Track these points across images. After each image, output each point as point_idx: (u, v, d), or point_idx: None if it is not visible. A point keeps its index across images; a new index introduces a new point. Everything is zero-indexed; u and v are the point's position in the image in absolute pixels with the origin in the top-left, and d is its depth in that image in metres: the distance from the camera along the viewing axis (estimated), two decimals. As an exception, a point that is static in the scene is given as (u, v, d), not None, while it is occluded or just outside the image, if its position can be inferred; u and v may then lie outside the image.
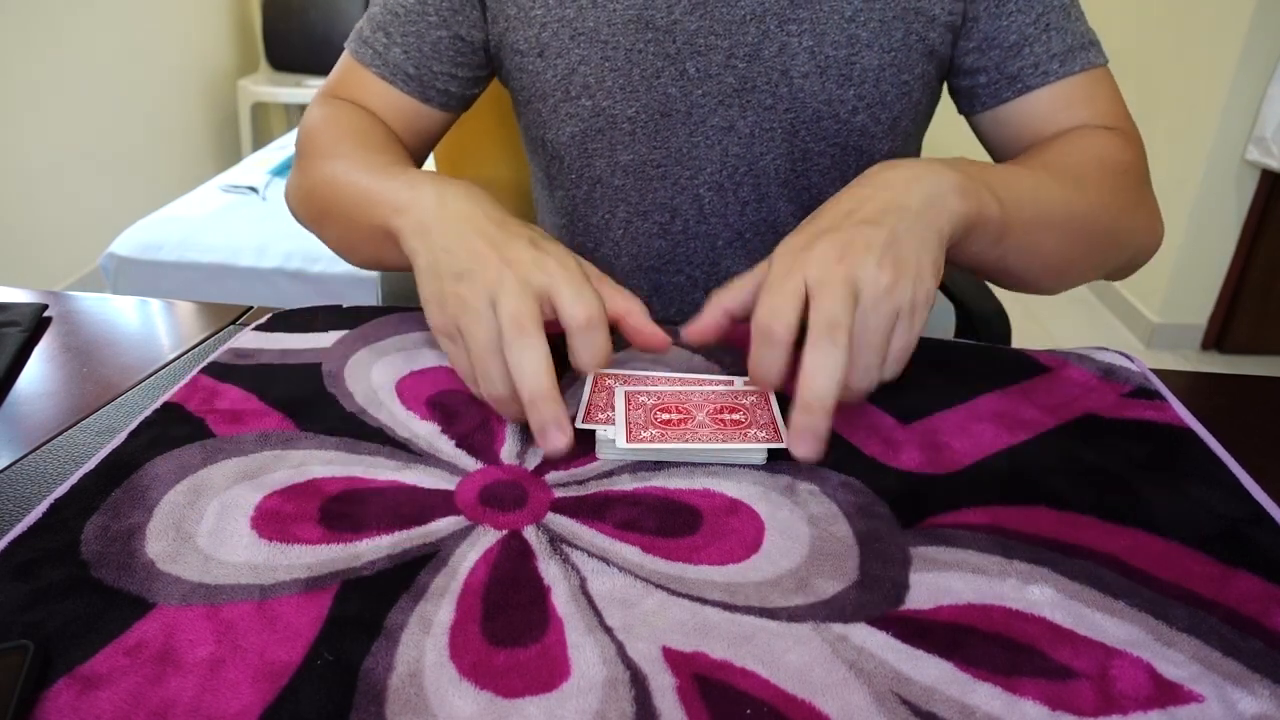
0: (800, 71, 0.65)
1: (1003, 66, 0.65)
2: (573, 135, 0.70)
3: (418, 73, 0.69)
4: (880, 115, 0.67)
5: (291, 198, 0.69)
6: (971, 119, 0.70)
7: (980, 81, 0.67)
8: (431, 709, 0.33)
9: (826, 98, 0.65)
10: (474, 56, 0.70)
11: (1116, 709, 0.33)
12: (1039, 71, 0.64)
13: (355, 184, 0.58)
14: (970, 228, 0.49)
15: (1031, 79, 0.65)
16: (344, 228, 0.61)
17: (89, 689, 0.33)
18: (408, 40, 0.68)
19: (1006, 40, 0.64)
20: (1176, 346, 2.44)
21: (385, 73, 0.69)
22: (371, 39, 0.69)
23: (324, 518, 0.42)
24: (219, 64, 3.39)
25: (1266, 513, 0.43)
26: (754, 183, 0.70)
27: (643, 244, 0.73)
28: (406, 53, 0.68)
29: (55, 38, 2.49)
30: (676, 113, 0.67)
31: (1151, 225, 0.63)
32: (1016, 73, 0.65)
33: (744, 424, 0.48)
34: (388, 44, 0.68)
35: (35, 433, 0.51)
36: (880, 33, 0.64)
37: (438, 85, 0.70)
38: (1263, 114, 2.11)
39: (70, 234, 2.59)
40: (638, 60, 0.65)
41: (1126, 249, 0.62)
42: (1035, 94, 0.65)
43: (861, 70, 0.65)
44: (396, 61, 0.68)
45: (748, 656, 0.35)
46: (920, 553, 0.41)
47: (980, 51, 0.66)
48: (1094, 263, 0.61)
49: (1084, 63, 0.64)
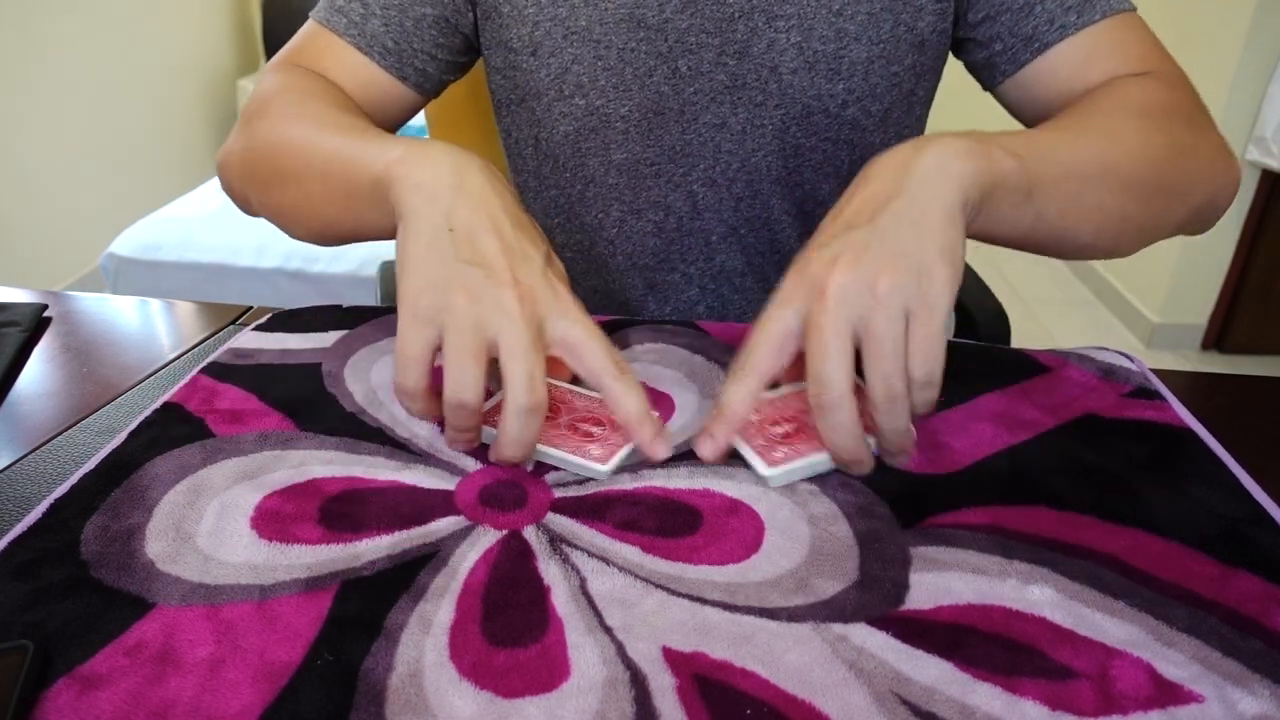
0: (789, 67, 0.65)
1: (1016, 29, 0.63)
2: (566, 134, 0.70)
3: (396, 47, 0.66)
4: (871, 108, 0.67)
5: (230, 162, 0.65)
6: (997, 93, 0.68)
7: (996, 50, 0.65)
8: (431, 709, 0.32)
9: (816, 92, 0.65)
10: (455, 40, 0.69)
11: (1116, 709, 0.33)
12: (1055, 27, 0.62)
13: (329, 140, 0.55)
14: (987, 189, 0.46)
15: (1048, 35, 0.62)
16: (308, 188, 0.57)
17: (89, 689, 0.33)
18: (388, 13, 0.65)
19: (1015, 2, 0.62)
20: (1176, 346, 2.44)
21: (361, 43, 0.66)
22: (346, 8, 0.66)
23: (324, 518, 0.42)
24: (219, 64, 3.39)
25: (1266, 513, 0.43)
26: (747, 179, 0.70)
27: (637, 242, 0.73)
28: (386, 25, 0.66)
29: (55, 37, 2.49)
30: (669, 111, 0.67)
31: (1216, 165, 0.58)
32: (1031, 32, 0.62)
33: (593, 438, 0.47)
34: (365, 14, 0.65)
35: (35, 433, 0.51)
36: (868, 25, 0.63)
37: (416, 64, 0.67)
38: (1263, 114, 2.11)
39: (70, 234, 2.59)
40: (630, 59, 0.65)
41: (1192, 195, 0.58)
42: (1056, 50, 0.62)
43: (850, 64, 0.64)
44: (374, 33, 0.66)
45: (748, 656, 0.35)
46: (920, 553, 0.41)
47: (991, 20, 0.64)
48: (1156, 213, 0.56)
49: (1104, 9, 0.61)
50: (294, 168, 0.57)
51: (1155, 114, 0.56)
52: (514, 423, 0.43)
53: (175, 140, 3.13)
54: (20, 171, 2.40)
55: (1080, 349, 0.59)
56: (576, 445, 0.47)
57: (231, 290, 1.84)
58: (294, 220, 0.60)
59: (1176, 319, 2.41)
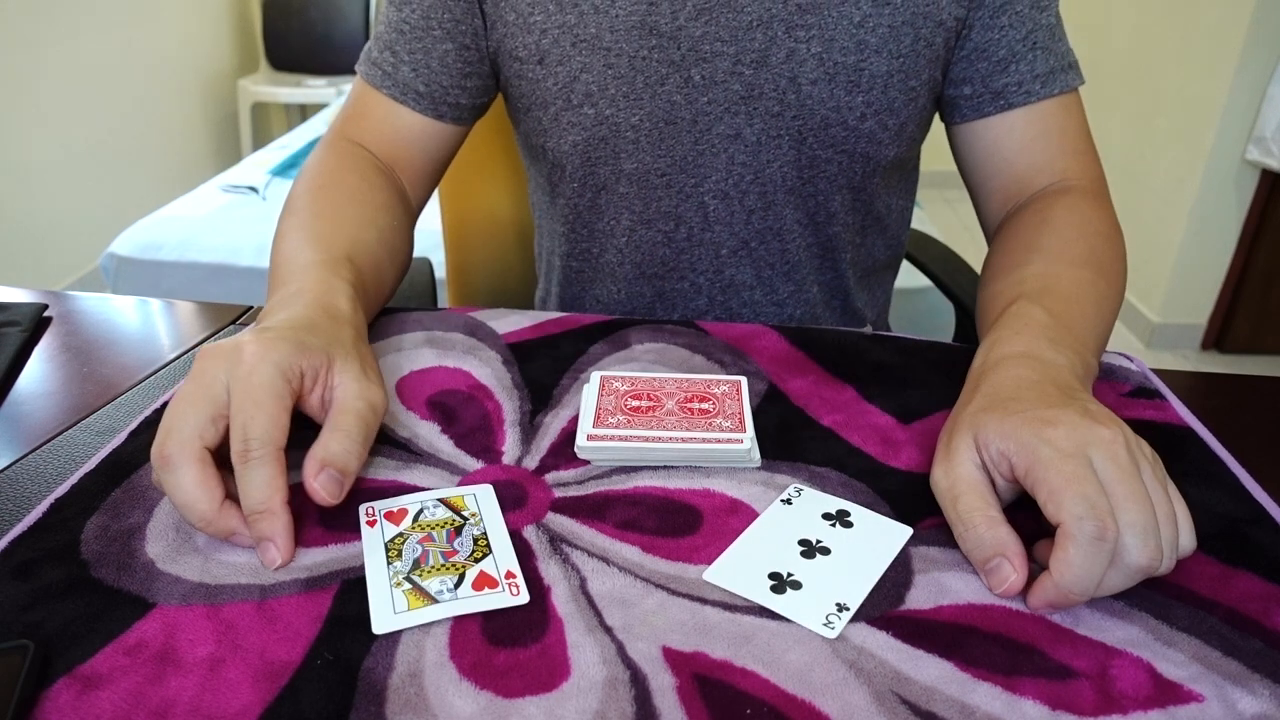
0: (809, 78, 0.64)
1: (989, 80, 0.66)
2: (575, 144, 0.69)
3: (428, 90, 0.68)
4: (888, 122, 0.67)
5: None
6: (949, 129, 0.71)
7: (965, 93, 0.67)
8: (431, 709, 0.33)
9: (835, 104, 0.65)
10: (481, 66, 0.70)
11: (1116, 709, 0.33)
12: (1021, 90, 0.66)
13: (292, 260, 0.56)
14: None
15: (1014, 97, 0.66)
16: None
17: (89, 689, 0.33)
18: (415, 58, 0.67)
19: (996, 54, 0.65)
20: (1176, 346, 2.44)
21: (395, 93, 0.68)
22: (380, 60, 0.68)
23: (324, 518, 0.42)
24: (219, 64, 3.39)
25: (1266, 513, 0.43)
26: (760, 190, 0.70)
27: (647, 251, 0.73)
28: (415, 70, 0.67)
29: (55, 38, 2.49)
30: (682, 120, 0.67)
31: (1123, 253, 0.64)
32: (1001, 89, 0.66)
33: (711, 413, 0.48)
34: (395, 64, 0.68)
35: (35, 433, 0.51)
36: (889, 38, 0.64)
37: (449, 100, 0.69)
38: (1263, 114, 2.11)
39: (70, 234, 2.59)
40: (641, 67, 0.65)
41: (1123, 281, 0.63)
42: (1015, 113, 0.66)
43: (870, 77, 0.65)
44: (406, 80, 0.68)
45: (748, 656, 0.35)
46: (920, 553, 0.41)
47: (969, 61, 0.66)
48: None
49: (1063, 85, 0.66)
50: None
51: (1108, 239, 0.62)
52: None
53: (175, 140, 3.13)
54: (20, 171, 2.40)
55: (1080, 349, 0.59)
56: (697, 422, 0.47)
57: (232, 290, 1.84)
58: None
59: (1176, 319, 2.42)
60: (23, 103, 2.39)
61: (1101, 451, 0.38)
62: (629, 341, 0.59)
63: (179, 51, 3.13)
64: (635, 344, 0.59)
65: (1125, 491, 0.37)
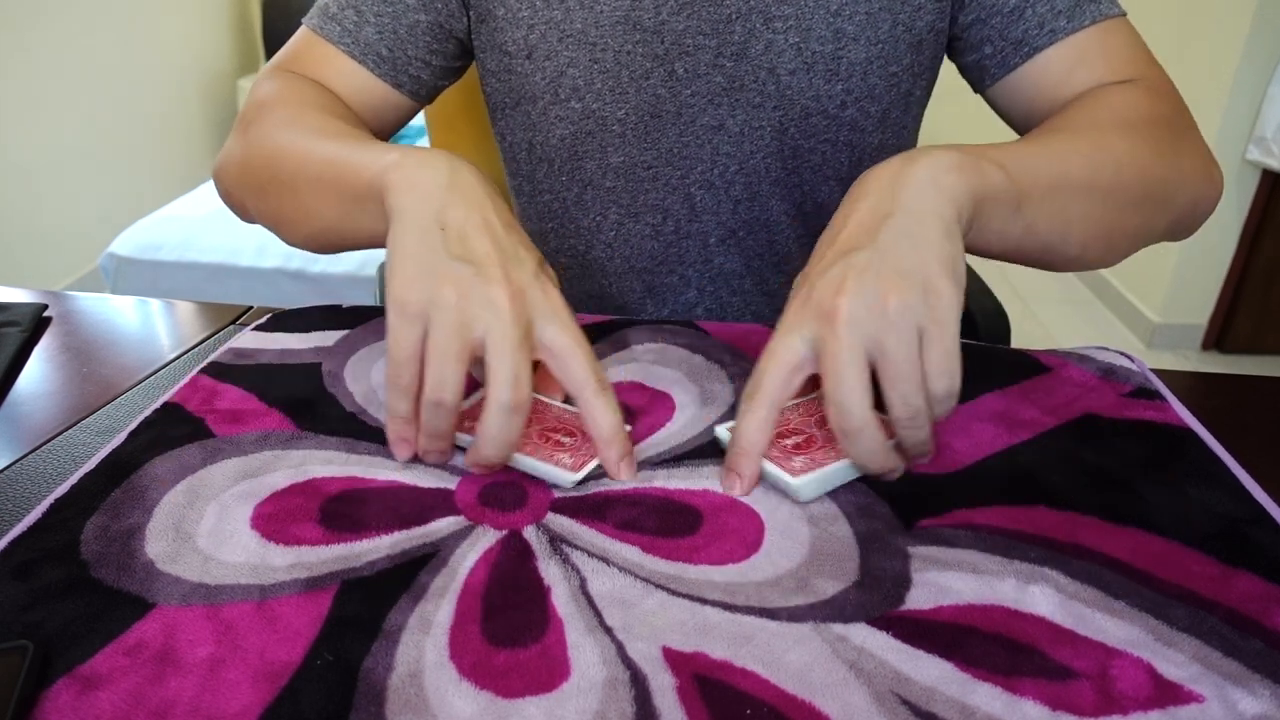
0: (787, 68, 0.65)
1: (1006, 33, 0.63)
2: (562, 138, 0.69)
3: (391, 55, 0.66)
4: (869, 109, 0.67)
5: (226, 169, 0.65)
6: (987, 95, 0.68)
7: (986, 53, 0.65)
8: (431, 709, 0.33)
9: (814, 94, 0.65)
10: (449, 45, 0.69)
11: (1117, 709, 0.33)
12: (1045, 31, 0.62)
13: (325, 146, 0.55)
14: (978, 201, 0.46)
15: (1038, 39, 0.62)
16: (304, 194, 0.56)
17: (89, 689, 0.33)
18: (382, 20, 0.65)
19: (1006, 5, 0.63)
20: (1176, 346, 2.44)
21: (355, 51, 0.66)
22: (340, 15, 0.66)
23: (324, 518, 0.42)
24: (219, 64, 3.39)
25: (1266, 513, 0.43)
26: (745, 181, 0.70)
27: (635, 245, 0.73)
28: (380, 33, 0.66)
29: (55, 37, 2.49)
30: (666, 113, 0.67)
31: (1199, 173, 0.59)
32: (1021, 36, 0.63)
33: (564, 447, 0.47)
34: (359, 22, 0.65)
35: (35, 433, 0.51)
36: (866, 25, 0.63)
37: (410, 70, 0.68)
38: (1263, 114, 2.11)
39: (70, 234, 2.59)
40: (626, 62, 0.65)
41: (1176, 203, 0.58)
42: (1045, 55, 0.62)
43: (849, 65, 0.64)
44: (369, 41, 0.66)
45: (748, 656, 0.35)
46: (920, 553, 0.41)
47: (981, 22, 0.64)
48: (1142, 222, 0.57)
49: (1093, 15, 0.61)
50: (290, 174, 0.57)
51: (1139, 123, 0.57)
52: (495, 421, 0.43)
53: (175, 140, 3.13)
54: (20, 171, 2.40)
55: (1080, 349, 0.59)
56: (548, 453, 0.46)
57: (231, 290, 1.84)
58: (290, 227, 0.60)
59: (1177, 319, 2.42)
60: (23, 103, 2.39)
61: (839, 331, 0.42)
62: (629, 342, 0.59)
63: (179, 51, 3.13)
64: (635, 344, 0.59)
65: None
